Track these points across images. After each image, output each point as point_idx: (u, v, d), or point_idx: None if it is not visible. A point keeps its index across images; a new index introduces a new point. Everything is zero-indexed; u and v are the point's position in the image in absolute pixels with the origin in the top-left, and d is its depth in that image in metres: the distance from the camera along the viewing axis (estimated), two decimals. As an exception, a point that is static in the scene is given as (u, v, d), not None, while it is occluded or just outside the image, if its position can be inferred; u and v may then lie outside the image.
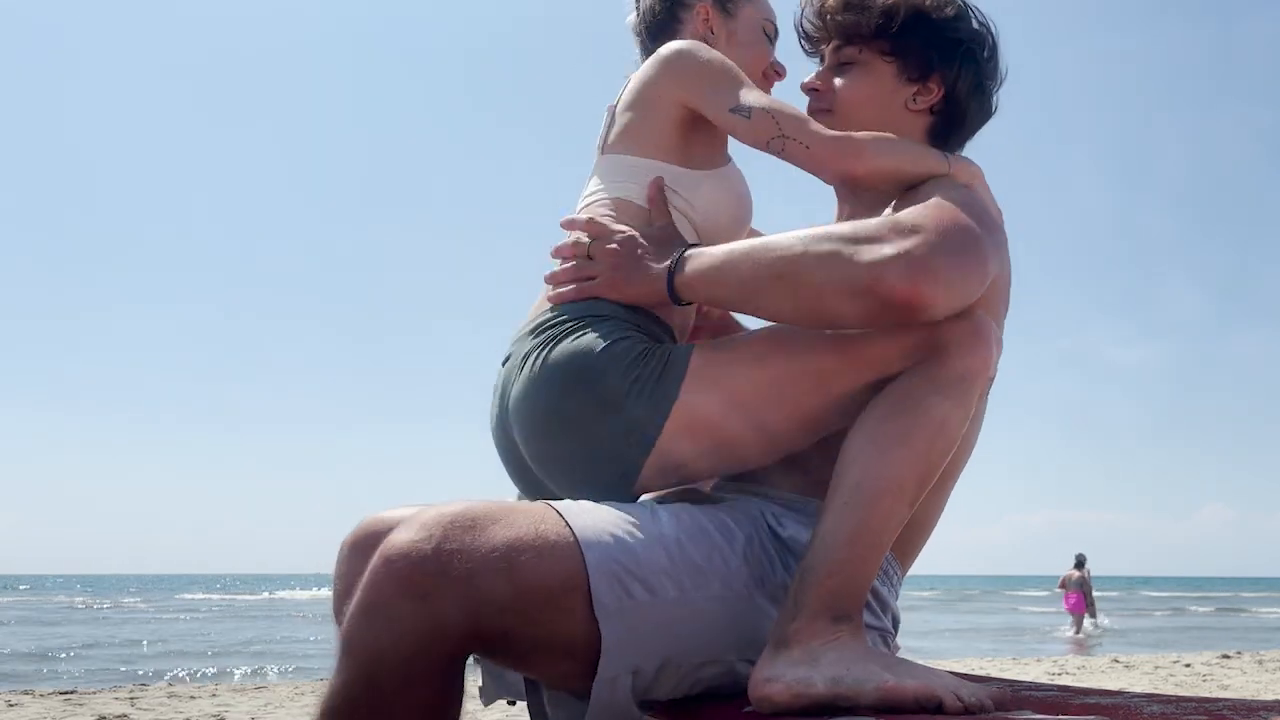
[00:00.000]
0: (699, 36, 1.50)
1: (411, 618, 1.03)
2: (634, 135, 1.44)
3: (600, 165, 1.48)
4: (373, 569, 1.07)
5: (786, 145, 1.33)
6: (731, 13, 1.54)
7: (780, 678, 1.10)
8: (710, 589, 1.19)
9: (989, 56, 1.45)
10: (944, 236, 1.16)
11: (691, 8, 1.53)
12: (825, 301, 1.18)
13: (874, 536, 1.15)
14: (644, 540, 1.17)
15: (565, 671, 1.15)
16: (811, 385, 1.22)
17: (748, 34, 1.54)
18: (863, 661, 1.11)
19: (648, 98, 1.44)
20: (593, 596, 1.10)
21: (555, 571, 1.09)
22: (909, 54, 1.42)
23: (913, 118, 1.44)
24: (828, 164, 1.34)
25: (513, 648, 1.10)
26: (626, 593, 1.12)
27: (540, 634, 1.09)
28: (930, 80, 1.43)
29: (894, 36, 1.41)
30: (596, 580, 1.10)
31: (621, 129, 1.45)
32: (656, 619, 1.14)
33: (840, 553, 1.14)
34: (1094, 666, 8.01)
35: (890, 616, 1.36)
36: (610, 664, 1.12)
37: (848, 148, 1.33)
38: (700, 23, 1.53)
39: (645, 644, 1.14)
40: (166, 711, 5.23)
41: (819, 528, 1.17)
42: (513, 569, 1.06)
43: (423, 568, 1.04)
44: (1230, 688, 5.30)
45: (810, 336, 1.23)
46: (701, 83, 1.40)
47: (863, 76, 1.44)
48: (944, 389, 1.17)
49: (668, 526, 1.20)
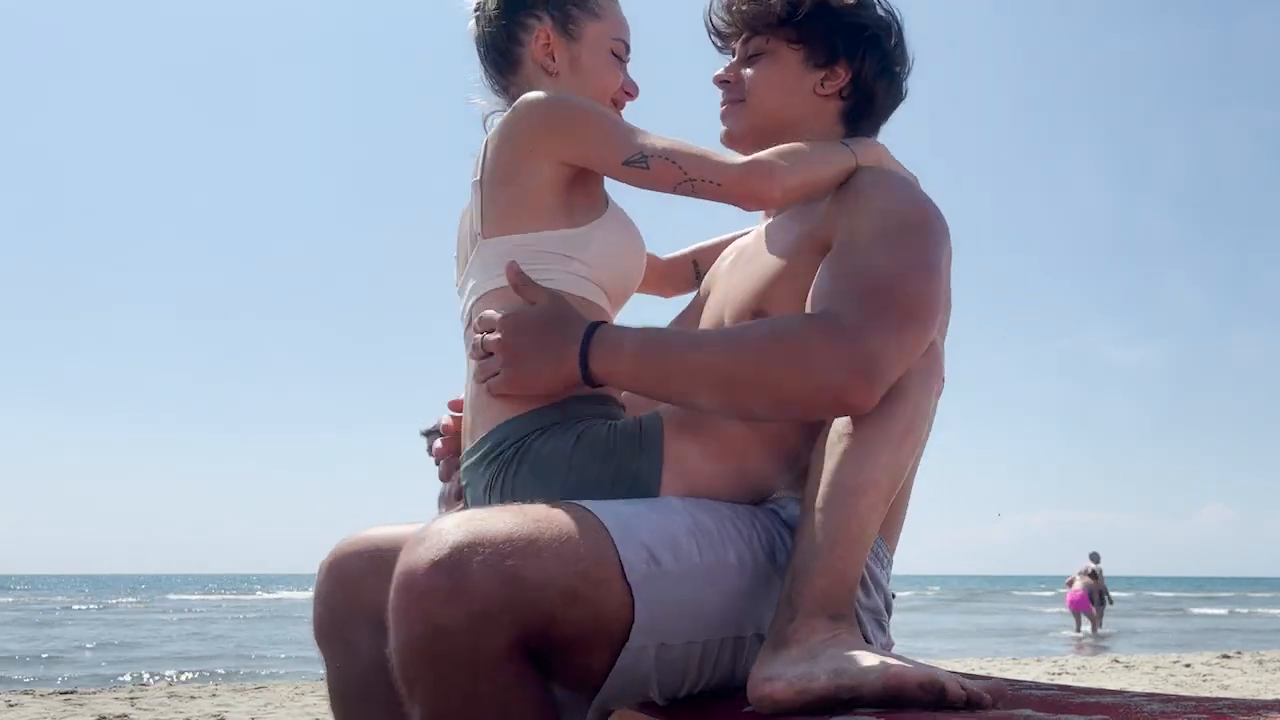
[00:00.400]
0: (538, 63, 1.44)
1: (455, 627, 1.02)
2: (512, 212, 1.34)
3: (482, 254, 1.36)
4: (398, 601, 1.05)
5: (696, 187, 1.29)
6: (574, 35, 1.45)
7: (780, 675, 1.10)
8: (728, 555, 1.21)
9: (895, 43, 1.50)
10: (891, 324, 1.18)
11: (531, 30, 1.44)
12: (759, 412, 1.24)
13: (860, 532, 1.17)
14: (659, 512, 1.19)
15: (599, 664, 1.14)
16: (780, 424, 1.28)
17: (593, 58, 1.45)
18: (864, 653, 1.11)
19: (521, 167, 1.34)
20: (624, 565, 1.11)
21: (585, 546, 1.09)
22: (814, 40, 1.46)
23: (822, 102, 1.48)
24: (742, 198, 1.33)
25: (555, 637, 1.08)
26: (654, 559, 1.14)
27: (581, 615, 1.08)
28: (837, 65, 1.47)
29: (799, 24, 1.46)
30: (625, 549, 1.12)
31: (498, 208, 1.35)
32: (684, 585, 1.16)
33: (829, 552, 1.15)
34: (1094, 666, 8.02)
35: (883, 597, 1.37)
36: (640, 634, 1.12)
37: (758, 175, 1.30)
38: (539, 48, 1.44)
39: (673, 614, 1.15)
40: (166, 711, 5.23)
41: (803, 528, 1.18)
42: (541, 550, 1.06)
43: (446, 574, 1.03)
44: (1230, 688, 5.30)
45: None
46: (584, 139, 1.32)
47: (771, 65, 1.48)
48: (908, 392, 1.21)
49: (676, 502, 1.23)
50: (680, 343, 1.26)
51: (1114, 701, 1.16)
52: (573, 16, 1.45)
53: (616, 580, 1.11)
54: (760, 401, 1.21)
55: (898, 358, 1.18)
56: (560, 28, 1.44)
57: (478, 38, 1.48)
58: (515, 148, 1.34)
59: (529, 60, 1.44)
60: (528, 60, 1.45)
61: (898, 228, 1.27)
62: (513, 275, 1.30)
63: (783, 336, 1.19)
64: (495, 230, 1.35)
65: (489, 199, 1.36)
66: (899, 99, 1.54)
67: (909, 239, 1.26)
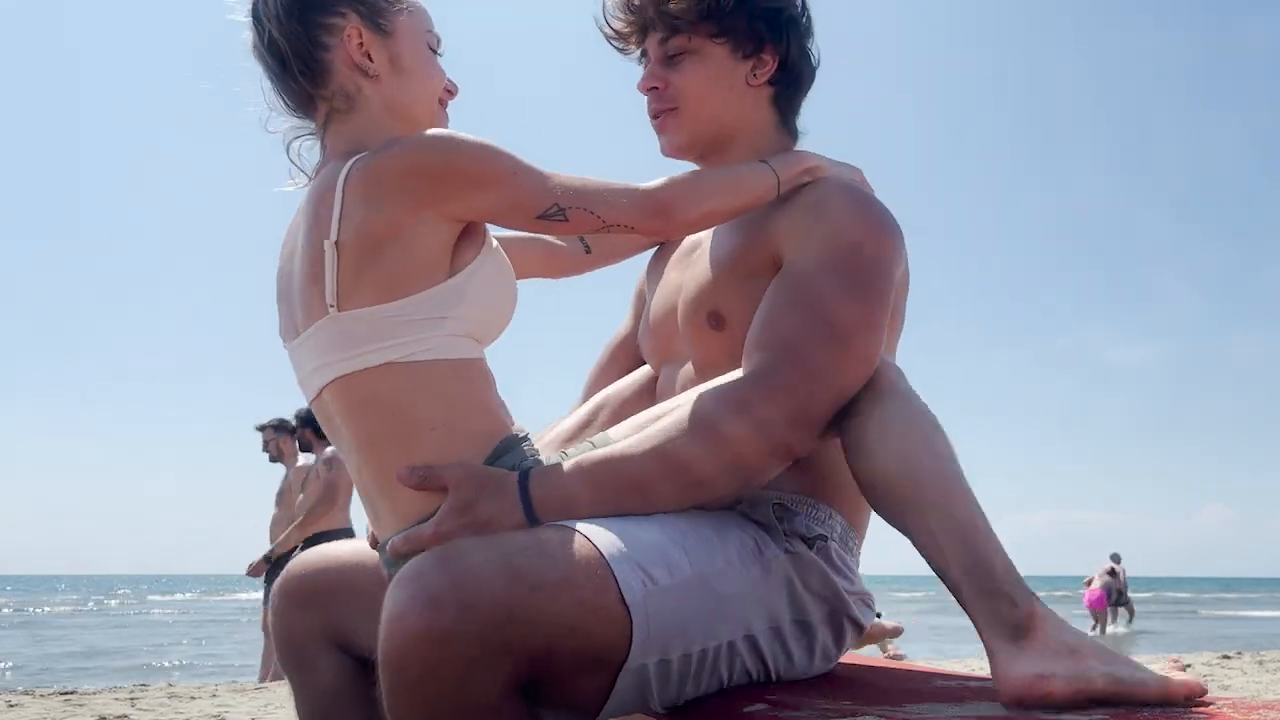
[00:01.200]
0: (353, 66, 1.28)
1: (450, 672, 0.99)
2: (382, 281, 1.17)
3: (336, 326, 1.19)
4: (389, 644, 1.00)
5: (611, 232, 1.24)
6: (388, 30, 1.29)
7: (1055, 674, 1.07)
8: (715, 560, 1.21)
9: (804, 16, 1.48)
10: (828, 370, 1.22)
11: (337, 31, 1.27)
12: (705, 496, 1.25)
13: (984, 522, 1.18)
14: (643, 525, 1.18)
15: (597, 686, 1.12)
16: None
17: (413, 56, 1.31)
18: (1123, 658, 1.11)
19: (401, 231, 1.17)
20: (621, 589, 1.09)
21: (581, 574, 1.07)
22: (738, 31, 1.42)
23: (756, 93, 1.46)
24: (650, 233, 1.32)
25: (552, 668, 1.05)
26: (650, 577, 1.12)
27: (579, 644, 1.06)
28: (764, 53, 1.44)
29: (720, 18, 1.41)
30: (621, 571, 1.10)
31: (363, 277, 1.18)
32: (679, 599, 1.15)
33: (986, 539, 1.16)
34: (1094, 667, 7.97)
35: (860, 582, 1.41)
36: (639, 654, 1.11)
37: (660, 216, 1.24)
38: (352, 48, 1.27)
39: (671, 628, 1.14)
40: (166, 712, 5.22)
41: (940, 538, 1.16)
42: (536, 585, 1.03)
43: (438, 616, 0.98)
44: (1230, 688, 5.29)
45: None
46: (488, 195, 1.18)
47: (698, 64, 1.43)
48: (902, 395, 1.23)
49: (657, 515, 1.22)
50: (611, 463, 1.21)
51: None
52: (381, 10, 1.30)
53: (615, 605, 1.09)
54: (722, 489, 1.26)
55: (836, 396, 1.22)
56: (371, 23, 1.29)
57: (266, 46, 1.29)
58: (397, 204, 1.17)
59: (340, 65, 1.28)
60: (338, 65, 1.28)
61: (844, 259, 1.27)
62: (411, 481, 1.18)
63: (741, 404, 1.21)
64: (354, 302, 1.18)
65: (348, 264, 1.18)
66: (814, 72, 1.50)
67: (855, 276, 1.27)
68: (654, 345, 1.56)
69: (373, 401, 1.22)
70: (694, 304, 1.42)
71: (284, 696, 5.99)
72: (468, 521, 1.17)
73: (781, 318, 1.26)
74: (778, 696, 1.23)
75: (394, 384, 1.20)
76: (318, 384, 1.26)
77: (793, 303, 1.26)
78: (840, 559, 1.37)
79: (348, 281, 1.19)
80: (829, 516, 1.38)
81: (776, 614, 1.28)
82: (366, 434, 1.24)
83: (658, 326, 1.54)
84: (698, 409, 1.22)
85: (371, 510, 1.29)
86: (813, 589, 1.32)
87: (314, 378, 1.27)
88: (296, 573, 1.50)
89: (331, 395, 1.25)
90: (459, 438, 1.22)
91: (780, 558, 1.30)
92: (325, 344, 1.23)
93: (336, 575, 1.46)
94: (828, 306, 1.24)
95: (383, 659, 1.02)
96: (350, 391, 1.23)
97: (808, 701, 1.20)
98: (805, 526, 1.34)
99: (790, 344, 1.23)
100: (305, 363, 1.28)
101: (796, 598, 1.31)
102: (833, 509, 1.38)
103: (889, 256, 1.30)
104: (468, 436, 1.23)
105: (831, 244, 1.29)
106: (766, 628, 1.27)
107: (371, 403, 1.22)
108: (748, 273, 1.36)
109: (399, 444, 1.22)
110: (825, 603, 1.34)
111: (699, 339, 1.43)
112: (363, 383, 1.21)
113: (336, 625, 1.47)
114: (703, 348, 1.42)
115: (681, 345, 1.48)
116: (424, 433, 1.21)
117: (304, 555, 1.52)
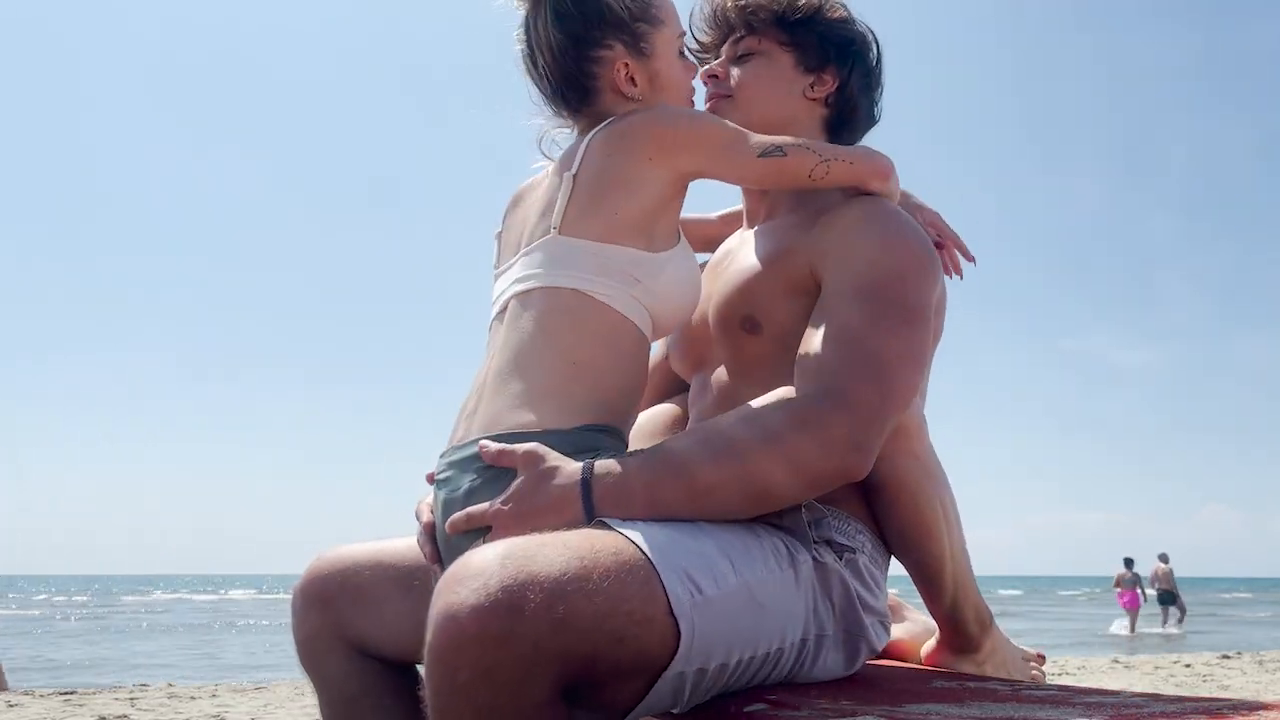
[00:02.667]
0: (618, 90, 1.38)
1: (503, 674, 0.97)
2: (601, 217, 1.29)
3: (550, 247, 1.30)
4: (442, 643, 0.99)
5: (831, 168, 1.33)
6: (647, 52, 1.38)
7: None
8: (756, 570, 1.21)
9: (876, 62, 1.56)
10: (874, 398, 1.23)
11: (607, 62, 1.37)
12: (770, 504, 1.26)
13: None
14: (689, 533, 1.18)
15: (633, 691, 1.11)
16: None
17: (668, 67, 1.41)
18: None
19: (633, 174, 1.30)
20: (670, 599, 1.08)
21: (632, 583, 1.06)
22: (806, 45, 1.51)
23: (809, 105, 1.52)
24: (870, 175, 1.38)
25: (593, 675, 1.04)
26: (697, 587, 1.12)
27: (624, 653, 1.05)
28: (825, 71, 1.52)
29: (792, 26, 1.50)
30: (670, 581, 1.09)
31: (588, 209, 1.29)
32: (723, 610, 1.14)
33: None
34: (1094, 666, 8.00)
35: (885, 598, 1.43)
36: (679, 663, 1.10)
37: (878, 156, 1.37)
38: (621, 79, 1.37)
39: (715, 640, 1.13)
40: (166, 712, 5.22)
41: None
42: (592, 592, 1.02)
43: (498, 619, 0.97)
44: (1230, 688, 5.29)
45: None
46: (714, 145, 1.32)
47: (763, 65, 1.52)
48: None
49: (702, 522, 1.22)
50: (676, 465, 1.21)
51: (1114, 702, 1.16)
52: (642, 34, 1.38)
53: (662, 616, 1.08)
54: (787, 502, 1.26)
55: (881, 429, 1.24)
56: (634, 50, 1.38)
57: (542, 70, 1.40)
58: (631, 154, 1.30)
59: (606, 90, 1.39)
60: (605, 90, 1.39)
61: (883, 287, 1.29)
62: (487, 453, 1.22)
63: (773, 439, 1.20)
64: (574, 230, 1.29)
65: (580, 196, 1.30)
66: (875, 120, 1.58)
67: (894, 306, 1.28)
68: (686, 352, 1.57)
69: (546, 315, 1.29)
70: (729, 309, 1.43)
71: (284, 696, 5.99)
72: (528, 508, 1.18)
73: (822, 350, 1.26)
74: (778, 696, 1.23)
75: (571, 310, 1.28)
76: (510, 294, 1.33)
77: (834, 336, 1.26)
78: (869, 574, 1.37)
79: (574, 211, 1.30)
80: (858, 531, 1.38)
81: (806, 624, 1.28)
82: (529, 342, 1.28)
83: (690, 333, 1.55)
84: (763, 419, 1.22)
85: (471, 410, 1.31)
86: (835, 602, 1.32)
87: (511, 289, 1.33)
88: (313, 574, 1.49)
89: (516, 303, 1.32)
90: (586, 391, 1.27)
91: (809, 564, 1.29)
92: (536, 261, 1.31)
93: (354, 577, 1.46)
94: (868, 340, 1.25)
95: (433, 657, 1.00)
96: (532, 302, 1.30)
97: (808, 701, 1.20)
98: (836, 535, 1.34)
99: (831, 374, 1.23)
100: (508, 277, 1.35)
101: (820, 609, 1.30)
102: (863, 524, 1.39)
103: (925, 284, 1.32)
104: (594, 394, 1.27)
105: (869, 273, 1.30)
106: (799, 638, 1.27)
107: (544, 316, 1.29)
108: (784, 281, 1.38)
109: (540, 364, 1.27)
110: (845, 619, 1.33)
111: (734, 343, 1.44)
112: (547, 298, 1.29)
113: (353, 627, 1.47)
114: (737, 352, 1.44)
115: (715, 351, 1.49)
116: (566, 366, 1.27)
117: (322, 556, 1.52)
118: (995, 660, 1.55)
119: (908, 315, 1.29)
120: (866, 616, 1.35)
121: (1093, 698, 1.21)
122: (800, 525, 1.31)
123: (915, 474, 1.36)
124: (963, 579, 1.44)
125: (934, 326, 1.40)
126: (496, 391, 1.28)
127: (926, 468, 1.37)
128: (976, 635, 1.51)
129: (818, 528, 1.33)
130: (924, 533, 1.38)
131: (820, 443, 1.20)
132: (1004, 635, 1.56)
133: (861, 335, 1.26)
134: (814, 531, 1.32)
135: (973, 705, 1.16)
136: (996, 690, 1.28)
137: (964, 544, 1.43)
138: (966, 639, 1.51)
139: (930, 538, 1.39)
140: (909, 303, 1.29)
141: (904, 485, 1.35)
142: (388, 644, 1.45)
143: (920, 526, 1.38)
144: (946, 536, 1.40)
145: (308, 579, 1.49)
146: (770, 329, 1.38)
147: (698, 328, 1.53)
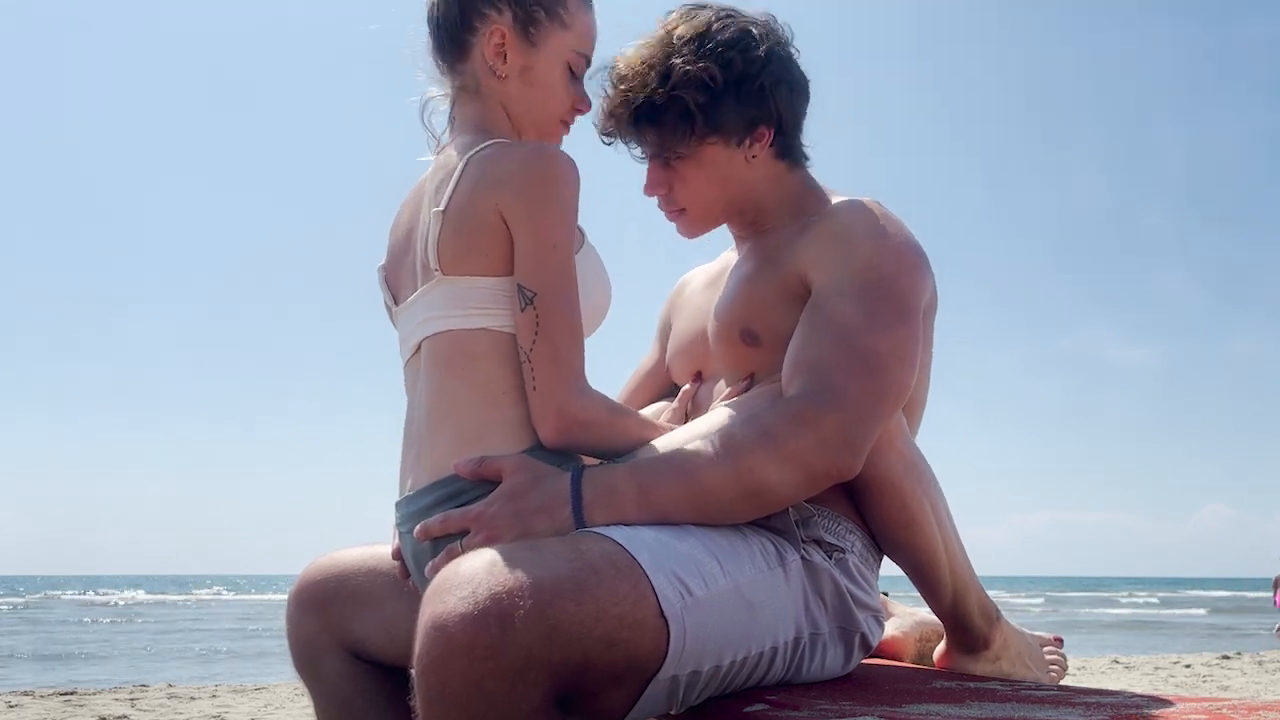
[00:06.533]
0: (486, 60, 1.32)
1: (494, 685, 0.96)
2: (483, 252, 1.23)
3: (437, 290, 1.26)
4: (430, 653, 0.97)
5: (531, 357, 1.21)
6: (534, 41, 1.32)
7: None
8: (744, 570, 1.21)
9: (787, 58, 1.42)
10: (866, 398, 1.24)
11: (487, 22, 1.31)
12: (766, 503, 1.25)
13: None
14: (676, 535, 1.17)
15: (625, 696, 1.11)
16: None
17: (548, 72, 1.33)
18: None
19: (495, 221, 1.22)
20: (660, 602, 1.08)
21: (622, 587, 1.06)
22: (726, 129, 1.39)
23: (755, 163, 1.43)
24: (541, 411, 1.22)
25: (585, 680, 1.04)
26: (686, 589, 1.11)
27: (616, 657, 1.04)
28: (756, 130, 1.41)
29: (704, 128, 1.38)
30: (659, 584, 1.09)
31: (460, 249, 1.24)
32: (714, 611, 1.14)
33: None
34: (1094, 667, 8.01)
35: (877, 596, 1.43)
36: (671, 666, 1.09)
37: (568, 414, 1.21)
38: (492, 47, 1.31)
39: (706, 641, 1.13)
40: (166, 712, 5.23)
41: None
42: (582, 598, 1.01)
43: (487, 628, 0.96)
44: (1230, 688, 5.30)
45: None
46: (526, 240, 1.21)
47: (695, 168, 1.42)
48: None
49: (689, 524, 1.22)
50: (673, 474, 1.20)
51: (1114, 703, 1.17)
52: (536, 19, 1.32)
53: (653, 619, 1.07)
54: (787, 502, 1.26)
55: (874, 428, 1.25)
56: (520, 29, 1.31)
57: (432, 12, 1.36)
58: (487, 199, 1.23)
59: (477, 54, 1.33)
60: (476, 54, 1.33)
61: (875, 285, 1.29)
62: (466, 472, 1.20)
63: (769, 437, 1.20)
64: (459, 268, 1.24)
65: (448, 234, 1.24)
66: (808, 93, 1.46)
67: (885, 304, 1.28)
68: (684, 363, 1.57)
69: (460, 356, 1.26)
70: (728, 321, 1.43)
71: (284, 697, 6.00)
72: (516, 509, 1.16)
73: (815, 349, 1.26)
74: (778, 696, 1.23)
75: (483, 347, 1.25)
76: (418, 338, 1.30)
77: (825, 338, 1.26)
78: (859, 573, 1.37)
79: (448, 252, 1.24)
80: (849, 531, 1.38)
81: (799, 623, 1.28)
82: (449, 388, 1.26)
83: (689, 345, 1.55)
84: (759, 418, 1.22)
85: (413, 461, 1.29)
86: (826, 600, 1.31)
87: (417, 332, 1.30)
88: (308, 578, 1.49)
89: (428, 348, 1.28)
90: (522, 417, 1.24)
91: (797, 564, 1.29)
92: (435, 302, 1.27)
93: (348, 581, 1.46)
94: (860, 338, 1.25)
95: (422, 668, 0.98)
96: (443, 345, 1.26)
97: (807, 701, 1.20)
98: (825, 534, 1.34)
99: (825, 373, 1.24)
100: (412, 319, 1.32)
101: (812, 608, 1.30)
102: (853, 524, 1.39)
103: (916, 284, 1.32)
104: (530, 419, 1.24)
105: (861, 276, 1.29)
106: (792, 638, 1.26)
107: (459, 357, 1.26)
108: (779, 292, 1.38)
109: (477, 404, 1.25)
110: (838, 616, 1.33)
111: (733, 355, 1.44)
112: (457, 340, 1.26)
113: (347, 630, 1.47)
114: (737, 364, 1.44)
115: (714, 363, 1.49)
116: (496, 398, 1.24)
117: (316, 560, 1.53)
118: (1009, 654, 1.52)
119: (900, 313, 1.29)
120: (860, 612, 1.35)
121: (1093, 698, 1.21)
122: (788, 525, 1.31)
123: (898, 470, 1.34)
124: (961, 574, 1.42)
125: (924, 330, 1.39)
126: (434, 439, 1.26)
127: (910, 464, 1.35)
128: (984, 630, 1.48)
129: (806, 527, 1.32)
130: (912, 529, 1.36)
131: (816, 441, 1.20)
132: (1014, 626, 1.54)
133: (854, 333, 1.26)
134: (802, 531, 1.32)
135: (973, 705, 1.16)
136: (996, 690, 1.29)
137: (958, 539, 1.42)
138: (974, 636, 1.48)
139: (919, 534, 1.37)
140: (901, 301, 1.29)
141: (887, 482, 1.33)
142: (382, 647, 1.46)
143: (907, 523, 1.36)
144: (937, 532, 1.38)
145: (302, 583, 1.49)
146: (769, 340, 1.38)
147: (697, 341, 1.53)
